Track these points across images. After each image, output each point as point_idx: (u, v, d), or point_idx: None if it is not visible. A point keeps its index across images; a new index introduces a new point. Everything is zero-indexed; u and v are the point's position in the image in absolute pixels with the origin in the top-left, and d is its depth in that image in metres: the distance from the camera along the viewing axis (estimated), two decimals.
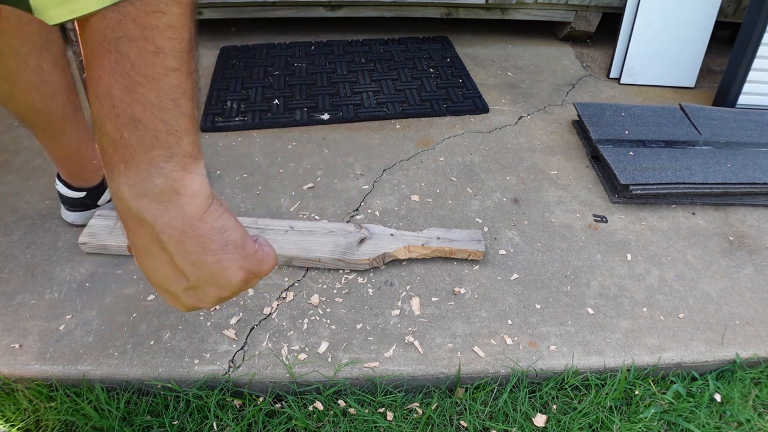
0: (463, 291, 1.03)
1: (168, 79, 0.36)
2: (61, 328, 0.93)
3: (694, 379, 0.97)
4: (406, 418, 0.88)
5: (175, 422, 0.85)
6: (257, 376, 0.88)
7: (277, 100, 1.58)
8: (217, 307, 0.99)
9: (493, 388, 0.92)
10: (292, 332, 0.95)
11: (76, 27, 0.36)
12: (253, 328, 0.95)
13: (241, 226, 0.42)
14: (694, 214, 1.27)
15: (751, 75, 1.60)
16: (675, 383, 0.95)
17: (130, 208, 0.38)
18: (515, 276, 1.07)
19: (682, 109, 1.55)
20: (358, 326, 0.96)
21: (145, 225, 0.38)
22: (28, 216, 1.15)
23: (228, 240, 0.41)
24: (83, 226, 1.10)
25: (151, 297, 0.99)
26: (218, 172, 1.30)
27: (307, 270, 1.06)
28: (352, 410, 0.88)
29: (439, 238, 1.08)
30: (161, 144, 0.37)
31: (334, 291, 1.02)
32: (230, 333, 0.93)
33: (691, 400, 0.93)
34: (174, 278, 0.42)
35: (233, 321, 0.96)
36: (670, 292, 1.07)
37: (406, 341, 0.94)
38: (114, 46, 0.34)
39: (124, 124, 0.36)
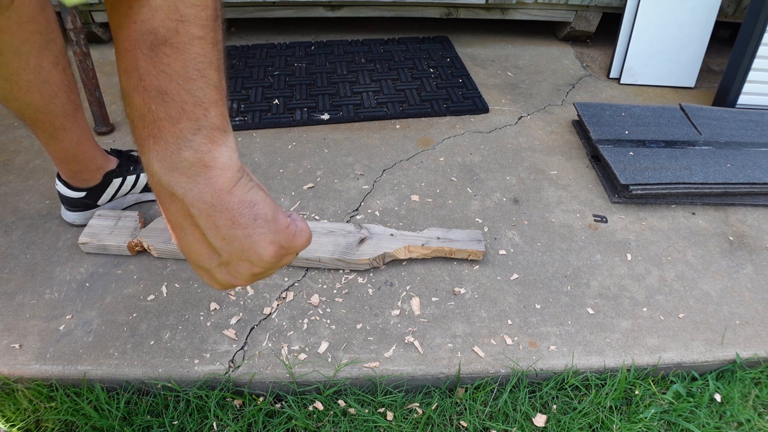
0: (463, 291, 1.03)
1: (193, 48, 0.36)
2: (61, 328, 0.93)
3: (694, 379, 0.97)
4: (406, 418, 0.88)
5: (175, 422, 0.85)
6: (257, 376, 0.88)
7: (277, 100, 1.58)
8: (237, 290, 0.99)
9: (493, 388, 0.92)
10: (292, 332, 0.95)
11: (106, 6, 0.36)
12: (253, 328, 0.95)
13: (272, 200, 0.41)
14: (694, 214, 1.27)
15: (751, 75, 1.60)
16: (675, 383, 0.95)
17: (161, 182, 0.38)
18: (515, 276, 1.07)
19: (682, 109, 1.55)
20: (358, 326, 0.96)
21: (176, 199, 0.38)
22: (28, 216, 1.15)
23: (258, 214, 0.40)
24: (83, 226, 1.10)
25: (151, 297, 0.99)
26: None
27: (307, 270, 1.06)
28: (352, 410, 0.88)
29: (439, 238, 1.08)
30: (188, 116, 0.36)
31: (334, 291, 1.02)
32: (230, 333, 0.93)
33: (691, 400, 0.93)
34: (207, 254, 0.41)
35: (233, 321, 0.96)
36: (670, 292, 1.07)
37: (406, 341, 0.94)
38: (138, 16, 0.34)
39: (152, 96, 0.35)
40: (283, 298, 1.00)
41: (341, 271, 1.06)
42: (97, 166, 1.06)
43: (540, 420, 0.88)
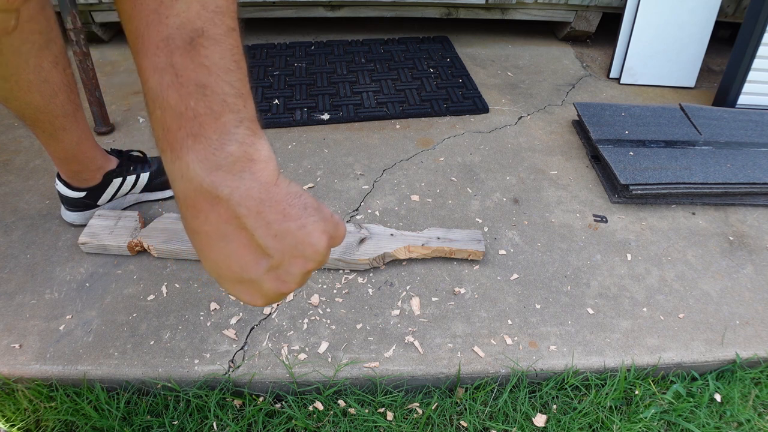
0: (463, 291, 1.03)
1: (229, 40, 0.35)
2: (61, 328, 0.93)
3: (694, 379, 0.97)
4: (406, 418, 0.88)
5: (175, 422, 0.85)
6: (257, 376, 0.88)
7: (277, 100, 1.58)
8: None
9: (493, 388, 0.92)
10: (292, 332, 0.95)
11: (123, 5, 0.34)
12: (253, 328, 0.95)
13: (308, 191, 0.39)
14: (694, 214, 1.27)
15: (751, 75, 1.60)
16: (675, 383, 0.95)
17: (203, 185, 0.35)
18: (515, 276, 1.07)
19: (682, 109, 1.55)
20: (358, 326, 0.96)
21: (220, 202, 0.36)
22: (28, 216, 1.15)
23: (306, 203, 0.38)
24: (83, 226, 1.10)
25: (151, 297, 0.99)
26: None
27: None
28: (352, 410, 0.88)
29: (439, 238, 1.08)
30: (230, 108, 0.35)
31: (334, 291, 1.02)
32: (230, 333, 0.93)
33: (691, 400, 0.93)
34: (254, 261, 0.38)
35: (233, 321, 0.96)
36: (670, 292, 1.07)
37: (406, 341, 0.94)
38: (171, 10, 0.33)
39: (190, 92, 0.34)
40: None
41: (341, 271, 1.06)
42: (97, 166, 1.06)
43: (540, 420, 0.88)
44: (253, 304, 0.41)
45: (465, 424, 0.87)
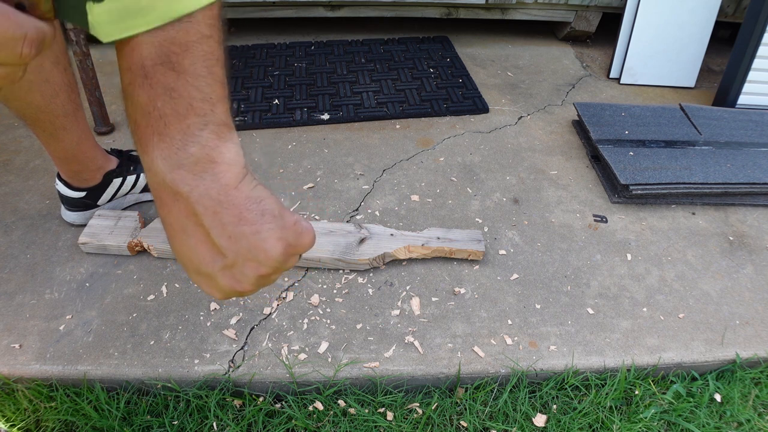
0: (463, 291, 1.03)
1: (202, 47, 0.36)
2: (61, 328, 0.93)
3: (694, 379, 0.97)
4: (406, 418, 0.88)
5: (175, 422, 0.85)
6: (257, 376, 0.88)
7: (277, 100, 1.58)
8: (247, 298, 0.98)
9: (493, 388, 0.92)
10: (292, 332, 0.95)
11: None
12: (253, 328, 0.95)
13: (276, 198, 0.40)
14: (694, 214, 1.27)
15: (751, 75, 1.60)
16: (675, 383, 0.95)
17: (165, 181, 0.37)
18: (515, 276, 1.07)
19: (682, 109, 1.55)
20: (358, 326, 0.96)
21: (180, 198, 0.37)
22: (28, 216, 1.15)
23: (265, 209, 0.38)
24: (83, 226, 1.10)
25: (151, 297, 0.99)
26: None
27: (307, 270, 1.06)
28: (352, 410, 0.88)
29: (439, 238, 1.08)
30: (195, 111, 0.36)
31: (334, 291, 1.02)
32: (230, 333, 0.93)
33: (691, 400, 0.93)
34: (210, 257, 0.39)
35: (233, 321, 0.96)
36: (670, 292, 1.07)
37: (406, 341, 0.94)
38: None
39: (158, 93, 0.35)
40: (283, 298, 1.00)
41: (341, 271, 1.06)
42: (97, 166, 1.06)
43: (540, 420, 0.88)
44: (212, 296, 0.43)
45: (465, 424, 0.87)
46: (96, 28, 0.34)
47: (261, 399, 0.89)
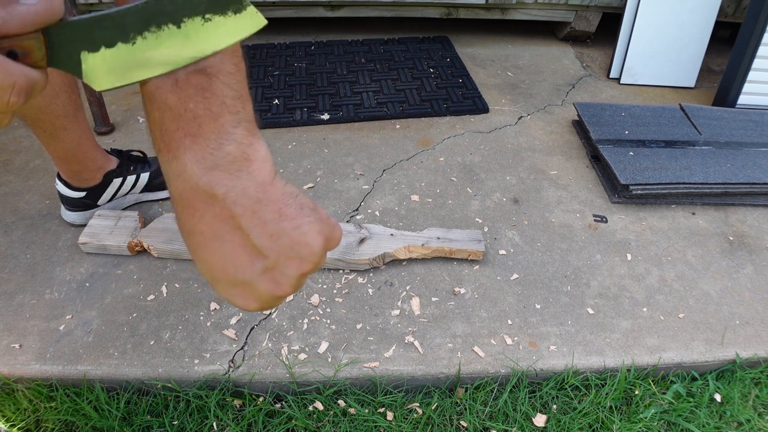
0: (463, 291, 1.03)
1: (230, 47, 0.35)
2: (61, 328, 0.93)
3: (694, 379, 0.97)
4: (406, 418, 0.88)
5: (175, 422, 0.85)
6: (257, 376, 0.88)
7: (277, 100, 1.58)
8: (291, 297, 0.98)
9: (493, 388, 0.92)
10: (292, 332, 0.95)
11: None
12: (253, 328, 0.95)
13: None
14: (694, 214, 1.27)
15: (751, 75, 1.60)
16: (675, 383, 0.95)
17: (199, 184, 0.35)
18: (515, 276, 1.07)
19: (682, 109, 1.55)
20: (358, 326, 0.96)
21: (216, 201, 0.36)
22: (28, 216, 1.15)
23: (302, 203, 0.38)
24: (83, 226, 1.10)
25: (151, 297, 0.99)
26: None
27: None
28: (352, 410, 0.88)
29: (439, 238, 1.08)
30: (229, 109, 0.36)
31: (334, 291, 1.02)
32: (230, 333, 0.93)
33: (691, 400, 0.93)
34: (249, 261, 0.38)
35: (233, 321, 0.96)
36: (670, 292, 1.07)
37: (406, 341, 0.94)
38: None
39: (189, 95, 0.34)
40: None
41: (341, 271, 1.06)
42: (98, 166, 1.06)
43: (540, 420, 0.88)
44: (246, 308, 0.41)
45: (465, 424, 0.87)
46: (89, 77, 0.33)
47: (261, 399, 0.89)
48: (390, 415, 0.88)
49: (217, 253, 0.38)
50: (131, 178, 1.13)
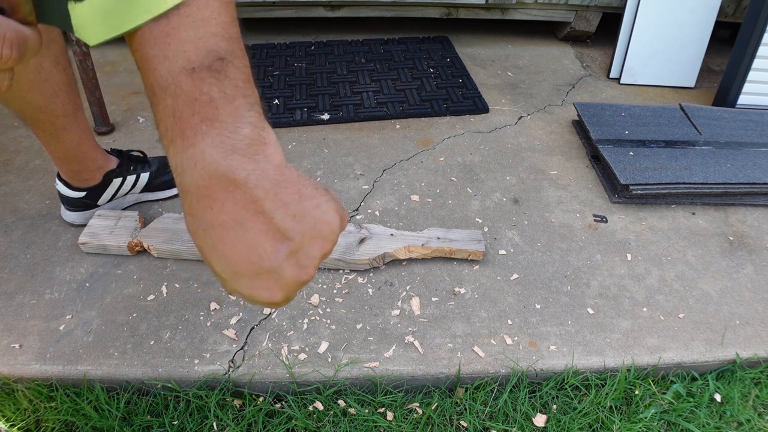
0: (463, 291, 1.03)
1: (234, 29, 0.36)
2: (61, 328, 0.93)
3: (694, 379, 0.97)
4: (406, 418, 0.88)
5: (175, 422, 0.85)
6: (257, 376, 0.88)
7: (277, 100, 1.58)
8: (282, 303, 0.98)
9: (493, 388, 0.92)
10: (292, 332, 0.95)
11: None
12: (253, 328, 0.95)
13: None
14: (694, 214, 1.27)
15: (751, 75, 1.60)
16: (675, 383, 0.95)
17: (219, 170, 0.34)
18: (515, 276, 1.07)
19: (682, 109, 1.55)
20: (358, 326, 0.96)
21: (237, 187, 0.35)
22: (28, 216, 1.15)
23: (316, 184, 0.38)
24: (83, 226, 1.10)
25: (151, 297, 0.99)
26: None
27: None
28: (352, 410, 0.88)
29: (439, 238, 1.08)
30: (242, 92, 0.35)
31: (334, 291, 1.02)
32: (230, 333, 0.93)
33: (691, 400, 0.93)
34: (273, 247, 0.37)
35: (233, 321, 0.96)
36: (670, 292, 1.07)
37: (406, 341, 0.94)
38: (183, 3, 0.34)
39: (203, 77, 0.34)
40: None
41: (341, 271, 1.06)
42: (98, 166, 1.06)
43: (540, 420, 0.88)
44: (271, 302, 0.40)
45: (465, 424, 0.87)
46: (81, 30, 0.33)
47: (261, 399, 0.89)
48: (390, 415, 0.88)
49: (239, 244, 0.37)
50: (131, 178, 1.13)
